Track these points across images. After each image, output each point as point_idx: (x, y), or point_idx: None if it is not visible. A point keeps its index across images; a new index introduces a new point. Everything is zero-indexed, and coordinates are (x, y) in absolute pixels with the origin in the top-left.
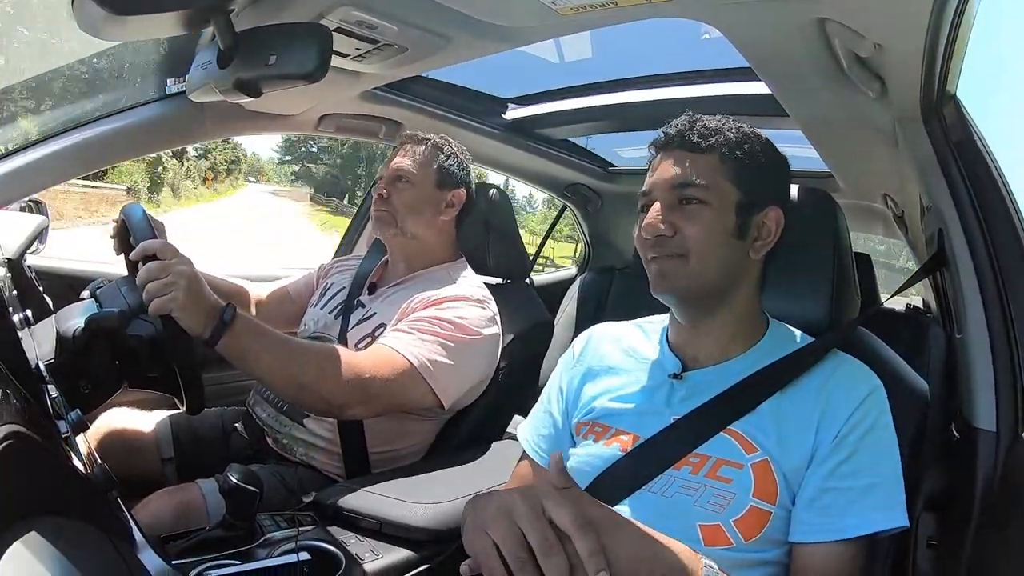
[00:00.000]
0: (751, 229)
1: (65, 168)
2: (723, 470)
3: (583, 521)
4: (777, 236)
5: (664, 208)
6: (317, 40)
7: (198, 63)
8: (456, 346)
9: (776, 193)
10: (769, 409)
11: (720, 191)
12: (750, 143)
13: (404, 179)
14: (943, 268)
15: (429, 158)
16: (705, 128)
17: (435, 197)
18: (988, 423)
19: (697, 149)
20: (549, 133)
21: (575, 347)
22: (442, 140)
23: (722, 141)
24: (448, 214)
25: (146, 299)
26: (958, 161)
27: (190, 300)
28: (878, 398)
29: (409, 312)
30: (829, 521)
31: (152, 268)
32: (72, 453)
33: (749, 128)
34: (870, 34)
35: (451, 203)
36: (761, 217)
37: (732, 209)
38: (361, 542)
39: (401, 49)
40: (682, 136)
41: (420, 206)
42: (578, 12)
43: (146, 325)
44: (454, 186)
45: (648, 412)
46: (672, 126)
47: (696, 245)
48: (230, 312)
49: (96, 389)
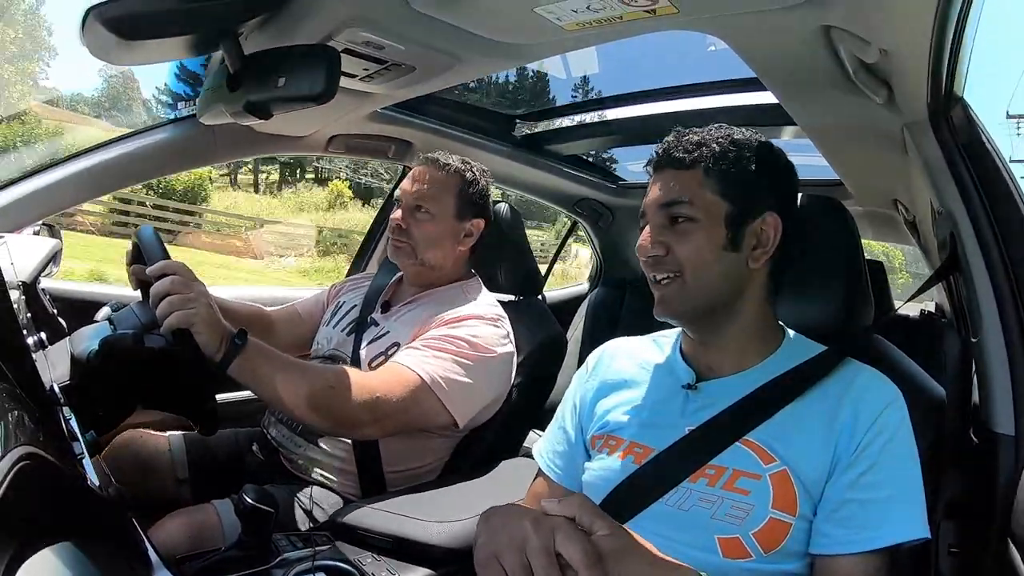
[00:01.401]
0: (746, 239)
1: (77, 192)
2: (740, 481)
3: (592, 558)
4: (777, 242)
5: (655, 229)
6: (325, 61)
7: (208, 86)
8: (470, 364)
9: (773, 198)
10: (786, 418)
11: (704, 206)
12: (738, 150)
13: (424, 210)
14: (956, 272)
15: (450, 187)
16: (690, 142)
17: (455, 229)
18: (1007, 427)
19: (682, 165)
20: (558, 149)
21: (589, 362)
22: (464, 165)
23: (706, 154)
24: (466, 244)
25: (163, 311)
26: (967, 163)
27: (209, 316)
28: (898, 407)
29: (423, 332)
30: (851, 533)
31: (175, 281)
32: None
33: (743, 134)
34: (875, 40)
35: (470, 232)
36: (757, 224)
37: (721, 222)
38: (378, 561)
39: (409, 69)
40: (668, 154)
41: (440, 239)
42: (584, 28)
43: (159, 339)
44: (474, 216)
45: (662, 424)
46: (662, 144)
47: (689, 264)
48: (242, 337)
49: (111, 410)
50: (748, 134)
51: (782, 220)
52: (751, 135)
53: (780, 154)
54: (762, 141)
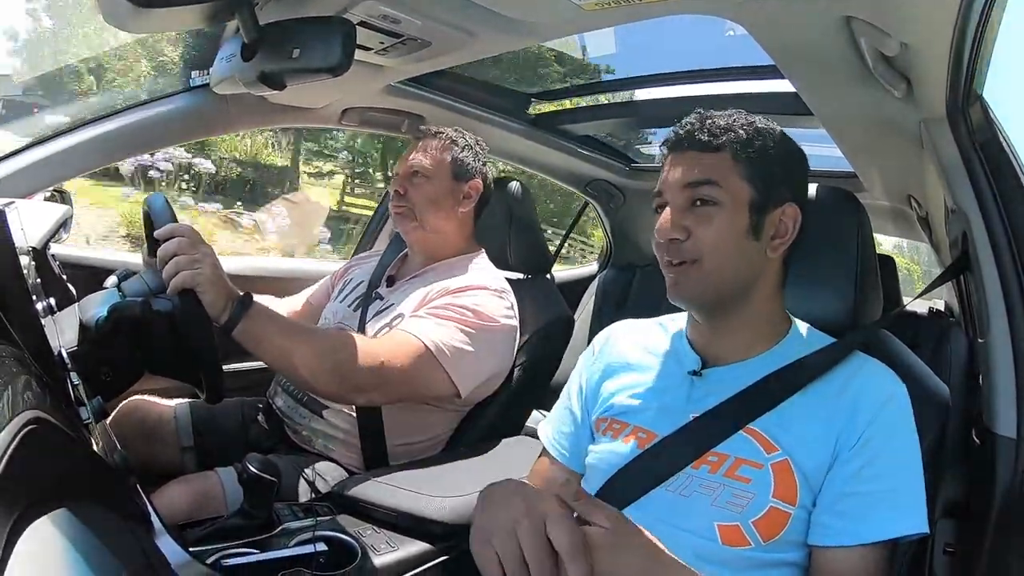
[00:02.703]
0: (766, 227)
1: (89, 159)
2: (742, 469)
3: (579, 547)
4: (795, 233)
5: (676, 211)
6: (341, 34)
7: (222, 56)
8: (474, 332)
9: (792, 189)
10: (790, 409)
11: (732, 190)
12: (763, 139)
13: (420, 174)
14: (967, 272)
15: (444, 151)
16: (716, 126)
17: (453, 189)
18: (1009, 430)
19: (708, 148)
20: (571, 129)
21: (595, 344)
22: (456, 132)
23: (733, 139)
24: (466, 205)
25: (169, 272)
26: (983, 162)
27: (215, 277)
28: (902, 401)
29: (428, 301)
30: (850, 525)
31: (181, 242)
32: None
33: (763, 122)
34: (897, 33)
35: (468, 194)
36: (777, 214)
37: (746, 208)
38: (378, 533)
39: (424, 44)
40: (692, 135)
41: (438, 199)
42: (602, 8)
43: (167, 303)
44: (470, 177)
45: (667, 409)
46: (682, 125)
47: (710, 248)
48: (248, 300)
49: (117, 377)
50: (769, 123)
51: (800, 211)
52: (772, 125)
53: (798, 146)
54: (782, 131)
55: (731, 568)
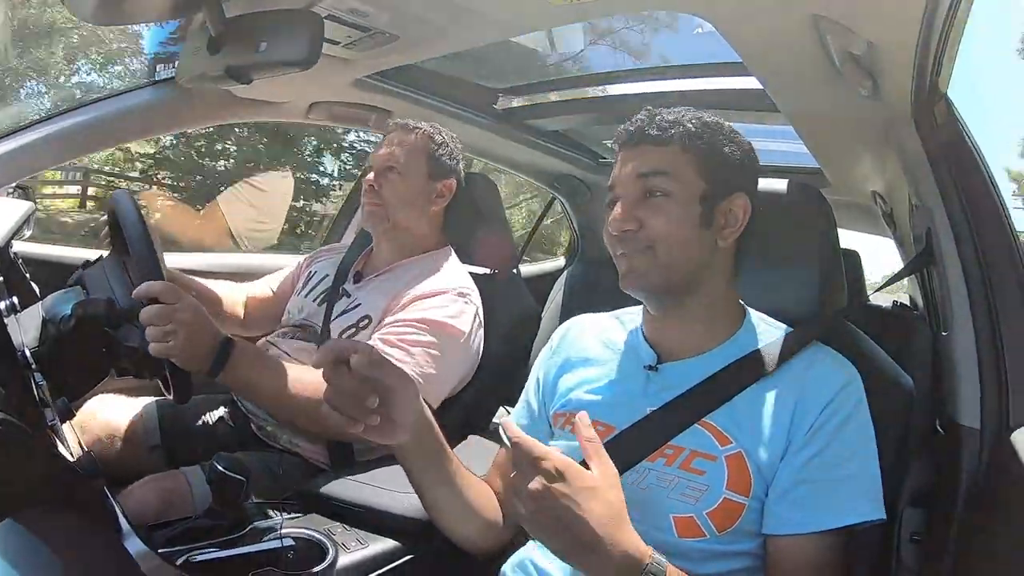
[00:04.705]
0: (717, 217)
1: (52, 154)
2: (697, 462)
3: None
4: (745, 223)
5: (628, 203)
6: (308, 27)
7: (188, 49)
8: (439, 355)
9: (741, 180)
10: (744, 401)
11: (683, 181)
12: (711, 132)
13: (395, 170)
14: (930, 266)
15: (420, 148)
16: (665, 121)
17: (426, 188)
18: (972, 420)
19: (658, 141)
20: (539, 124)
21: (553, 339)
22: (433, 128)
23: (682, 132)
24: (439, 204)
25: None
26: (948, 160)
27: (189, 346)
28: (854, 389)
29: (393, 307)
30: (802, 514)
31: (153, 313)
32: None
33: (712, 118)
34: (863, 32)
35: (442, 193)
36: (727, 204)
37: (696, 199)
38: (348, 531)
39: (392, 37)
40: (642, 131)
41: (412, 198)
42: (571, 3)
43: (137, 334)
44: (445, 176)
45: (623, 403)
46: (633, 122)
47: (662, 237)
48: (228, 347)
49: (82, 377)
50: (717, 118)
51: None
52: (720, 120)
53: (746, 139)
54: (731, 126)
55: (689, 561)
